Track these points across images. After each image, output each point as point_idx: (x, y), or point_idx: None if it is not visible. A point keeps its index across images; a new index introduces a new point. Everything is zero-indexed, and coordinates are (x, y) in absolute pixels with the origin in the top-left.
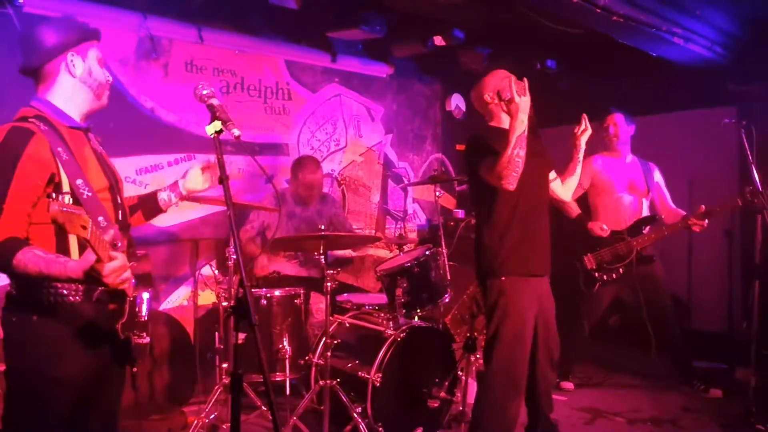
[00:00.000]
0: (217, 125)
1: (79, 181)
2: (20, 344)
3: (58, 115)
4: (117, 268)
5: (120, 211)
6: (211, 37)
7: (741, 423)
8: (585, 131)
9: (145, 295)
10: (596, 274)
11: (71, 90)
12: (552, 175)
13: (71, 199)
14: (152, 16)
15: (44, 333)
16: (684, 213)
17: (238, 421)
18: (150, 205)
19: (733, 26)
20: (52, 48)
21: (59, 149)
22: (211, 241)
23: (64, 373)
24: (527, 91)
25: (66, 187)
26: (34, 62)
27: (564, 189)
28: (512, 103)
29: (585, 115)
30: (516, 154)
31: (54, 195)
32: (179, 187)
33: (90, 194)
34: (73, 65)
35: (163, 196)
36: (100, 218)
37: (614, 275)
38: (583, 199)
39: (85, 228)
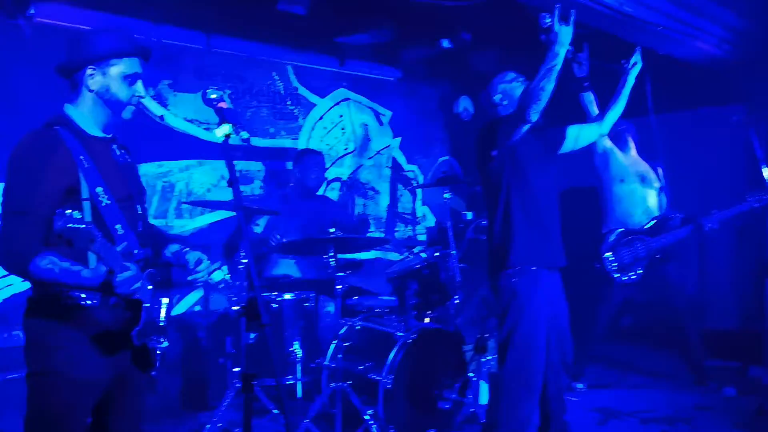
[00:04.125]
0: (226, 128)
1: (98, 189)
2: (41, 348)
3: (82, 124)
4: (128, 279)
5: (140, 221)
6: (219, 44)
7: (755, 421)
8: (635, 65)
9: (164, 301)
10: (616, 275)
11: (90, 103)
12: (572, 130)
13: (82, 213)
14: (161, 25)
15: (64, 336)
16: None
17: (249, 422)
18: (163, 243)
19: (740, 23)
20: (77, 60)
21: (81, 158)
22: (221, 246)
23: (85, 376)
24: (571, 23)
25: (85, 194)
26: (64, 70)
27: (601, 125)
28: (551, 32)
29: (639, 49)
30: (542, 86)
31: (61, 210)
32: (179, 260)
33: (109, 203)
34: (93, 79)
35: (172, 249)
36: (118, 226)
37: (633, 276)
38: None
39: (92, 241)
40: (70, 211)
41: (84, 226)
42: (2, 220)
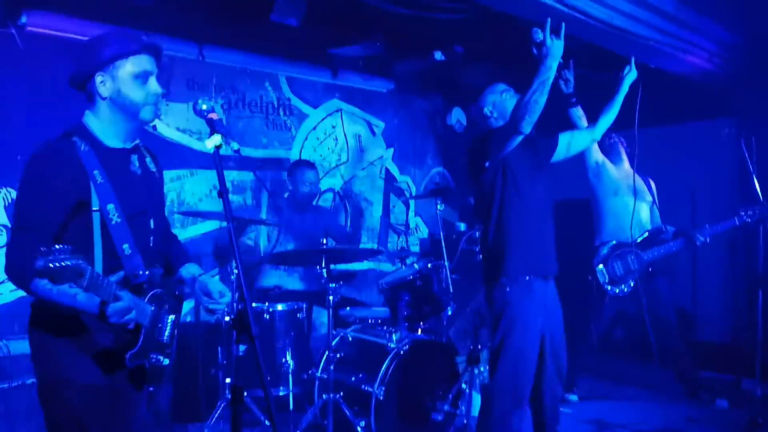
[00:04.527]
0: (217, 139)
1: (110, 206)
2: (46, 355)
3: (100, 135)
4: (120, 310)
5: (152, 237)
6: (212, 54)
7: None
8: (630, 73)
9: (170, 318)
10: (608, 287)
11: (108, 111)
12: (564, 137)
13: (92, 229)
14: (153, 34)
15: (65, 343)
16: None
17: None
18: (178, 259)
19: (730, 37)
20: (84, 70)
21: (95, 172)
22: (212, 257)
23: (89, 381)
24: (562, 36)
25: (95, 207)
26: (75, 83)
27: (593, 131)
28: (543, 46)
29: (633, 58)
30: (535, 99)
31: (44, 248)
32: (201, 288)
33: (119, 220)
34: (104, 85)
35: (190, 270)
36: (125, 246)
37: (626, 288)
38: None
39: (81, 276)
40: (60, 246)
41: (70, 263)
42: (11, 233)
